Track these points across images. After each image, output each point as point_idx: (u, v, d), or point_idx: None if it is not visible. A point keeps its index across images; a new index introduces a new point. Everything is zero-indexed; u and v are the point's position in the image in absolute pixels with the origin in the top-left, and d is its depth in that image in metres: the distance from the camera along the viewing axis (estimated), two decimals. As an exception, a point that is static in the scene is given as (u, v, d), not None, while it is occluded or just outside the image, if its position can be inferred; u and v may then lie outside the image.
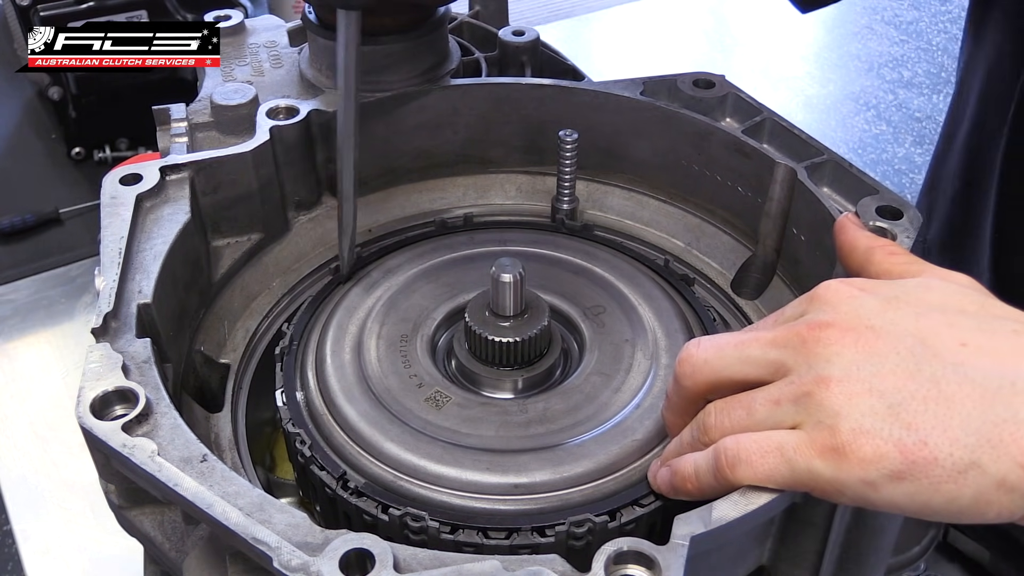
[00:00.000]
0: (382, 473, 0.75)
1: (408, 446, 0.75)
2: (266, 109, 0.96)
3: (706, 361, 0.67)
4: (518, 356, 0.82)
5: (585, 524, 0.70)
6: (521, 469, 0.74)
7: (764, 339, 0.65)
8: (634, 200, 1.05)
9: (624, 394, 0.80)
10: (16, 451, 1.27)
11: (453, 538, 0.70)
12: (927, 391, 0.58)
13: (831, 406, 0.59)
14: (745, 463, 0.61)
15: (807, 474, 0.59)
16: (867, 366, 0.60)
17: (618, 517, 0.72)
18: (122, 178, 0.87)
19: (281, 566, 0.57)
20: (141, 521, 0.72)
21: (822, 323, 0.63)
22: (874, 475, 0.57)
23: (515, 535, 0.70)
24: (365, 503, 0.73)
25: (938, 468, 0.56)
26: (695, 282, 0.96)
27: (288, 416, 0.80)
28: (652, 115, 0.98)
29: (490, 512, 0.72)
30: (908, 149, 3.86)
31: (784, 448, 0.60)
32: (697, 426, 0.67)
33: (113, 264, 0.79)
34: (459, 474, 0.73)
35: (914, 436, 0.57)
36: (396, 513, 0.71)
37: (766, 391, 0.63)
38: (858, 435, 0.58)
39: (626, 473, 0.75)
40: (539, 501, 0.73)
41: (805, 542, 0.67)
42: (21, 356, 1.43)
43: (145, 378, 0.70)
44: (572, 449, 0.76)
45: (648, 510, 0.72)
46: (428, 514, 0.70)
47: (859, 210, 0.83)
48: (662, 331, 0.86)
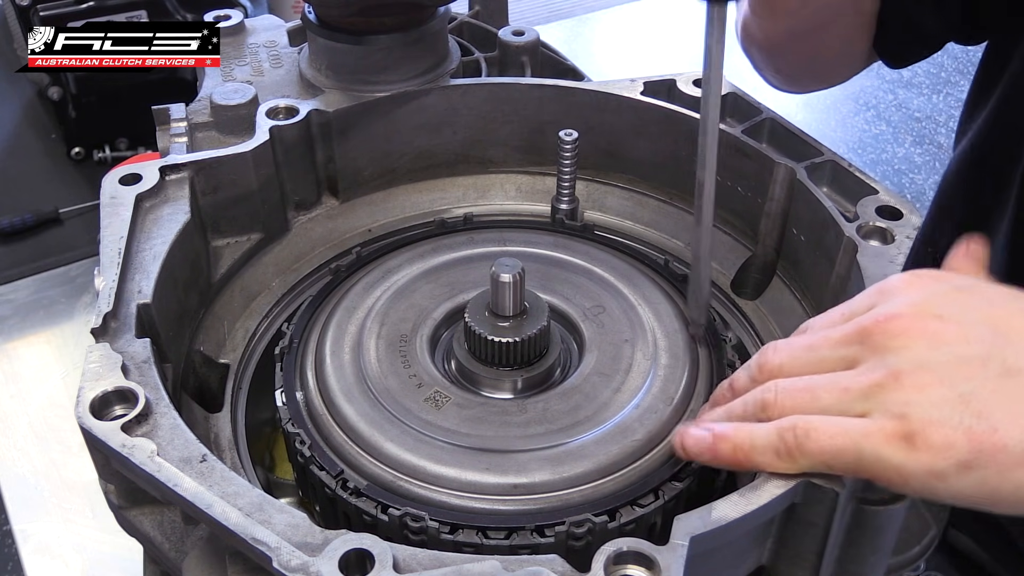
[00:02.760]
0: (382, 473, 0.75)
1: (408, 446, 0.75)
2: (266, 109, 0.96)
3: (780, 366, 0.67)
4: (518, 356, 0.82)
5: (585, 524, 0.70)
6: (521, 469, 0.74)
7: (834, 339, 0.65)
8: (634, 200, 1.05)
9: (624, 394, 0.80)
10: (16, 451, 1.27)
11: (453, 538, 0.70)
12: (998, 379, 0.58)
13: (902, 397, 0.59)
14: (814, 440, 0.61)
15: (874, 460, 0.59)
16: (937, 356, 0.60)
17: (617, 517, 0.72)
18: (122, 178, 0.87)
19: (281, 566, 0.57)
20: (141, 521, 0.72)
21: (890, 315, 0.63)
22: (942, 464, 0.57)
23: (515, 535, 0.70)
24: (365, 503, 0.73)
25: (1007, 455, 0.56)
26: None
27: (288, 416, 0.80)
28: (652, 115, 0.98)
29: (489, 512, 0.72)
30: (908, 149, 3.86)
31: (852, 432, 0.60)
32: (754, 401, 0.67)
33: (113, 264, 0.78)
34: (459, 474, 0.73)
35: (984, 424, 0.57)
36: (396, 513, 0.71)
37: (834, 379, 0.63)
38: (928, 425, 0.58)
39: (626, 473, 0.75)
40: (539, 501, 0.73)
41: (805, 542, 0.67)
42: (21, 356, 1.43)
43: (145, 378, 0.70)
44: (572, 449, 0.75)
45: (648, 510, 0.72)
46: (428, 514, 0.70)
47: (859, 210, 0.83)
48: (661, 331, 0.86)
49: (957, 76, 4.20)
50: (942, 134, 3.82)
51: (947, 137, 3.69)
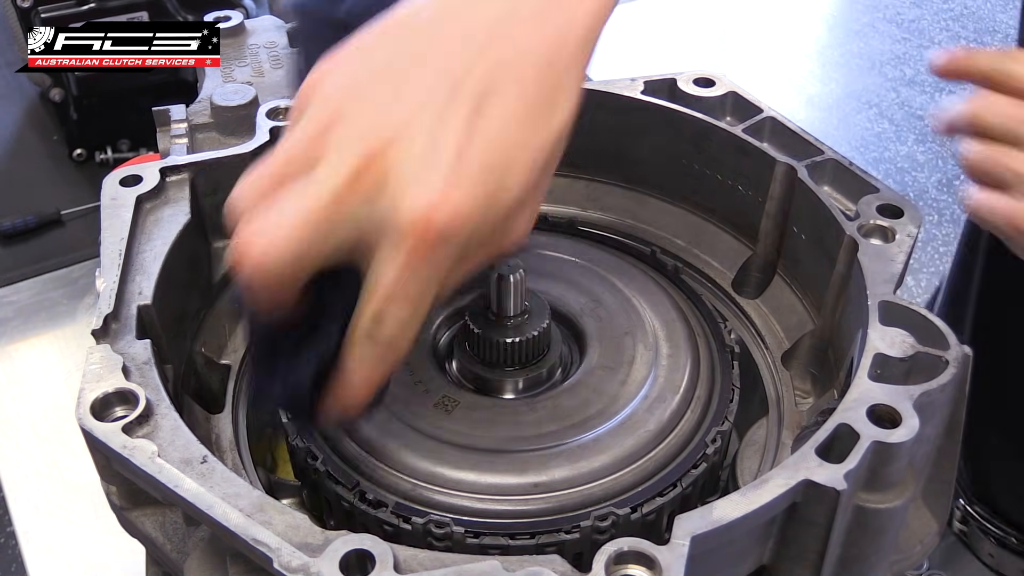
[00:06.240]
0: (399, 482, 0.74)
1: (424, 453, 0.75)
2: (266, 110, 0.96)
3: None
4: (522, 356, 0.82)
5: (609, 517, 0.70)
6: (539, 467, 0.74)
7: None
8: (634, 200, 1.05)
9: (631, 386, 0.80)
10: (18, 452, 1.27)
11: (478, 542, 0.70)
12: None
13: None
14: None
15: None
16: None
17: (639, 508, 0.72)
18: (122, 179, 0.87)
19: (281, 567, 0.57)
20: (142, 522, 0.72)
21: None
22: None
23: (540, 536, 0.70)
24: (385, 514, 0.72)
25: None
26: (682, 271, 0.96)
27: (295, 431, 0.79)
28: (652, 115, 0.98)
29: (512, 513, 0.72)
30: (911, 147, 3.85)
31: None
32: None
33: (113, 265, 0.79)
34: (478, 477, 0.73)
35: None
36: (419, 522, 0.70)
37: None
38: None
39: (642, 464, 0.75)
40: (560, 498, 0.73)
41: (806, 541, 0.67)
42: (23, 358, 1.44)
43: (145, 379, 0.70)
44: (587, 444, 0.76)
45: (668, 499, 0.73)
46: (452, 520, 0.70)
47: (859, 208, 0.83)
48: (659, 321, 0.86)
49: (959, 74, 4.19)
50: (944, 132, 3.81)
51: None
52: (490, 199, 0.59)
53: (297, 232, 0.59)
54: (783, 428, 0.85)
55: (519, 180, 0.60)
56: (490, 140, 0.59)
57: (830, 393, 0.85)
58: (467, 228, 0.58)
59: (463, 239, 0.59)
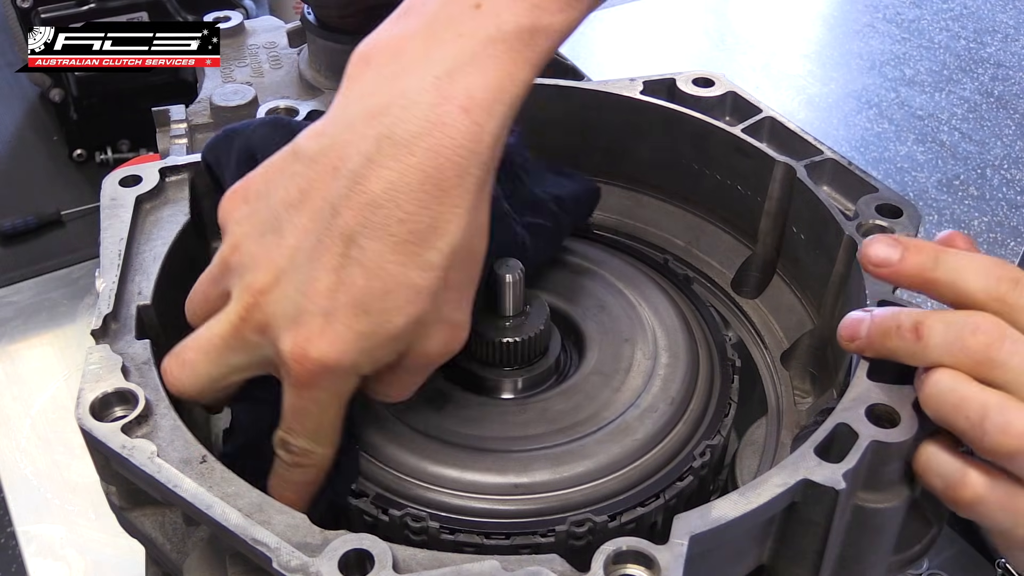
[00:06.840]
0: (381, 473, 0.75)
1: (408, 447, 0.75)
2: (265, 110, 0.96)
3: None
4: (518, 356, 0.82)
5: (585, 524, 0.70)
6: (521, 469, 0.74)
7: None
8: (634, 200, 1.05)
9: (624, 393, 0.80)
10: (18, 453, 1.27)
11: (453, 539, 0.70)
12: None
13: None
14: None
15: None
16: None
17: (618, 517, 0.72)
18: (122, 180, 0.87)
19: (280, 567, 0.57)
20: (142, 522, 0.72)
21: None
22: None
23: (515, 536, 0.70)
24: (365, 504, 0.73)
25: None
26: (694, 281, 0.96)
27: None
28: (652, 115, 0.98)
29: (490, 512, 0.72)
30: (910, 147, 3.85)
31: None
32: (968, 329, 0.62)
33: (113, 266, 0.79)
34: (459, 474, 0.73)
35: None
36: (397, 514, 0.71)
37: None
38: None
39: (626, 472, 0.75)
40: (539, 501, 0.73)
41: (805, 541, 0.67)
42: (23, 358, 1.44)
43: (145, 379, 0.70)
44: (572, 449, 0.75)
45: (649, 510, 0.72)
46: (428, 514, 0.70)
47: (859, 208, 0.83)
48: (662, 330, 0.85)
49: (959, 74, 4.20)
50: (944, 132, 3.81)
51: (949, 135, 3.69)
52: (370, 331, 0.61)
53: (202, 359, 0.67)
54: (782, 428, 0.85)
55: (401, 310, 0.62)
56: (357, 279, 0.61)
57: (829, 393, 0.85)
58: (348, 359, 0.62)
59: (348, 367, 0.63)
